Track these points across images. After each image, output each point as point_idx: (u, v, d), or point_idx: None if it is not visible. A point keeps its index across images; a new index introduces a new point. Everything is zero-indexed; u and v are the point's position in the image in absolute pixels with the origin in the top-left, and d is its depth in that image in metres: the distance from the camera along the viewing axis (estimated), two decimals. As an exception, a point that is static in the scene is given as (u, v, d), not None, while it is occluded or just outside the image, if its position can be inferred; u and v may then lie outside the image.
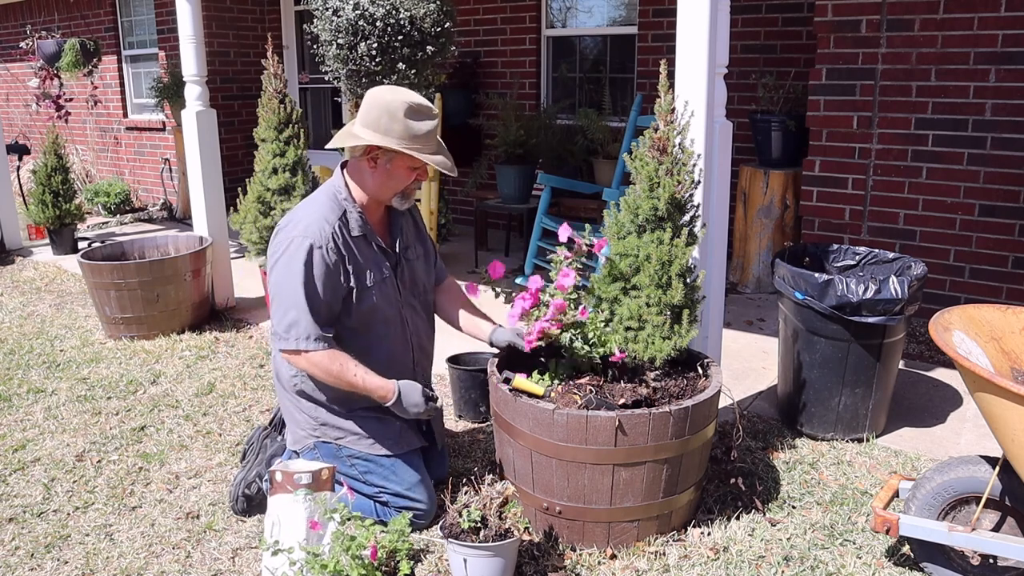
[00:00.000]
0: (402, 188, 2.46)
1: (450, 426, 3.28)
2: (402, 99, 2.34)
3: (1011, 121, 4.06)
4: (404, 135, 2.34)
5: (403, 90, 2.40)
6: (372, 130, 2.36)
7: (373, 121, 2.36)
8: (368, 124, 2.37)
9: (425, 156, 2.37)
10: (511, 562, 2.22)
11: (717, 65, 2.71)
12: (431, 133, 2.39)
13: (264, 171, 4.40)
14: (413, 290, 2.63)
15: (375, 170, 2.42)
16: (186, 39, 4.52)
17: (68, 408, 3.55)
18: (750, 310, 4.74)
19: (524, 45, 6.66)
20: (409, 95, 2.37)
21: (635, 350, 2.44)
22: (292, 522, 2.23)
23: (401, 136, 2.34)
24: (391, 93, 2.37)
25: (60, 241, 6.51)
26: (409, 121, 2.34)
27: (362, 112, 2.39)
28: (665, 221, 2.44)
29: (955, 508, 2.20)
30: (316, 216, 2.39)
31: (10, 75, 10.15)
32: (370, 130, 2.36)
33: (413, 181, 2.45)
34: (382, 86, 2.46)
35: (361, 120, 2.39)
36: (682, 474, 2.38)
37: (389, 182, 2.44)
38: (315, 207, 2.43)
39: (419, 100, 2.37)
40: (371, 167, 2.42)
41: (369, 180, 2.45)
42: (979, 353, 2.16)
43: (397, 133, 2.34)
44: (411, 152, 2.35)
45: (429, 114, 2.38)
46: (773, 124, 4.92)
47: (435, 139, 2.43)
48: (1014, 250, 4.17)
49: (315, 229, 2.35)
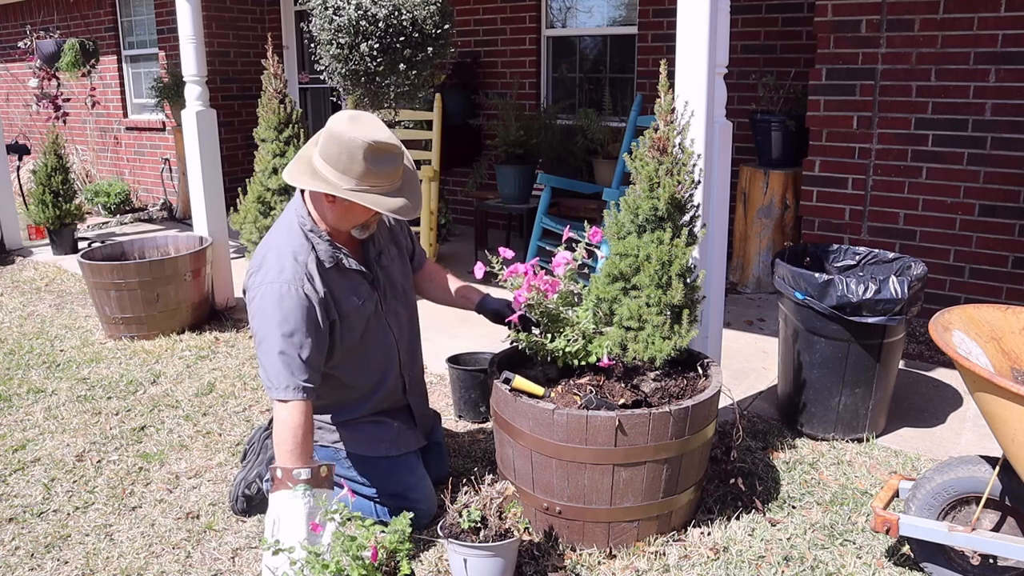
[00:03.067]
0: (361, 222, 2.38)
1: (450, 426, 3.28)
2: (363, 138, 2.19)
3: (1011, 121, 4.06)
4: (363, 176, 2.23)
5: (367, 122, 2.25)
6: (331, 166, 2.24)
7: (333, 157, 2.23)
8: (328, 159, 2.24)
9: (382, 201, 2.25)
10: (511, 562, 2.22)
11: (717, 65, 2.71)
12: (394, 172, 2.28)
13: (264, 171, 4.40)
14: (393, 294, 2.58)
15: (333, 205, 2.33)
16: (186, 39, 4.52)
17: (68, 408, 3.55)
18: (750, 310, 4.74)
19: (524, 45, 6.66)
20: (372, 131, 2.22)
21: (635, 350, 2.44)
22: (292, 519, 2.23)
23: (360, 177, 2.23)
24: (355, 130, 2.21)
25: (60, 241, 6.51)
26: (368, 164, 2.21)
27: (322, 143, 2.28)
28: (665, 221, 2.44)
29: (955, 508, 2.20)
30: (286, 256, 2.31)
31: (10, 75, 10.15)
32: (330, 166, 2.25)
33: (373, 216, 2.37)
34: (346, 114, 2.28)
35: (321, 151, 2.26)
36: (682, 474, 2.38)
37: (347, 217, 2.35)
38: (283, 245, 2.34)
39: (383, 137, 2.22)
40: (329, 202, 2.33)
41: (328, 214, 2.36)
42: (979, 353, 2.16)
43: (356, 173, 2.22)
44: (364, 201, 2.23)
45: (394, 152, 2.25)
46: (773, 124, 4.92)
47: (399, 176, 2.30)
48: (1014, 250, 4.17)
49: (289, 272, 2.27)
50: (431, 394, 3.61)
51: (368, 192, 2.25)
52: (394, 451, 2.54)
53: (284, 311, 2.24)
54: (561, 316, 2.54)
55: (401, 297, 2.63)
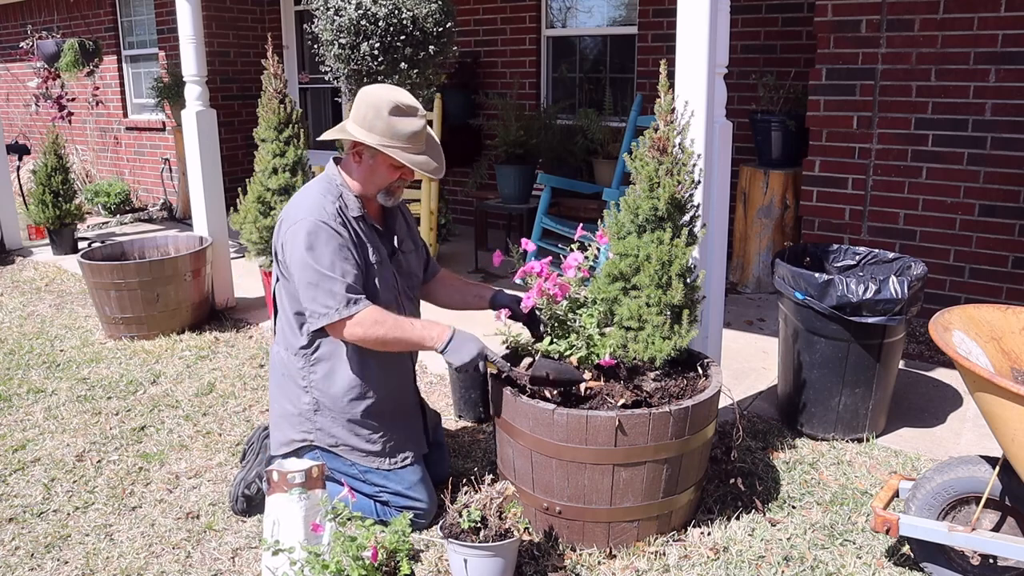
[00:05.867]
0: (386, 185, 2.48)
1: (450, 426, 3.28)
2: (389, 97, 2.36)
3: (1011, 121, 4.06)
4: (386, 132, 2.36)
5: (394, 89, 2.41)
6: (359, 125, 2.39)
7: (360, 117, 2.39)
8: (356, 120, 2.40)
9: (404, 155, 2.38)
10: (511, 562, 2.22)
11: (717, 65, 2.71)
12: (417, 133, 2.40)
13: (264, 171, 4.39)
14: (408, 281, 2.65)
15: (359, 165, 2.46)
16: (186, 39, 4.52)
17: (68, 408, 3.55)
18: (750, 310, 4.74)
19: (524, 45, 6.66)
20: (397, 94, 2.38)
21: (635, 350, 2.44)
22: (290, 521, 2.24)
23: (383, 133, 2.36)
24: (382, 91, 2.39)
25: (60, 241, 6.51)
26: (393, 119, 2.35)
27: (353, 107, 2.43)
28: (665, 221, 2.44)
29: (955, 508, 2.20)
30: (315, 199, 2.42)
31: (10, 75, 10.15)
32: (357, 125, 2.40)
33: (397, 179, 2.47)
34: (375, 84, 2.48)
35: (352, 115, 2.43)
36: (682, 474, 2.38)
37: (372, 177, 2.46)
38: (311, 193, 2.46)
39: (406, 100, 2.37)
40: (356, 162, 2.46)
41: (355, 174, 2.49)
42: (979, 353, 2.16)
43: (380, 130, 2.36)
44: (388, 151, 2.36)
45: (414, 113, 2.38)
46: (773, 124, 4.92)
47: (422, 139, 2.43)
48: (1014, 250, 4.17)
49: (317, 209, 2.38)
50: (431, 394, 3.62)
51: (391, 147, 2.37)
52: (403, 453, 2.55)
53: (320, 245, 2.34)
54: (567, 323, 2.54)
55: (413, 289, 2.68)
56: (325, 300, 2.33)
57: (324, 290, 2.33)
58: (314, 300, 2.35)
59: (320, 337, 2.47)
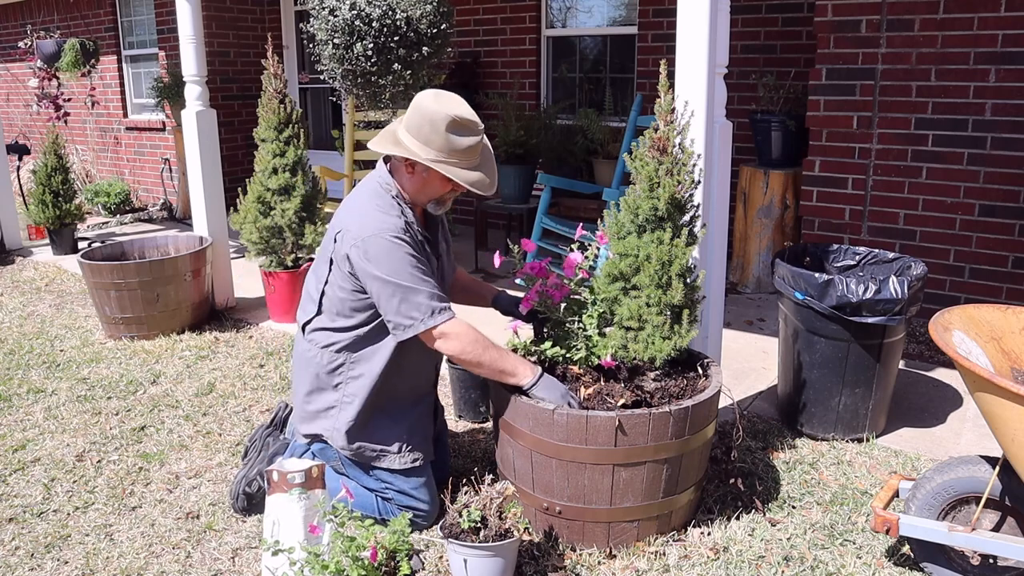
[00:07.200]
0: (438, 196, 2.46)
1: (450, 426, 3.28)
2: (446, 111, 2.29)
3: (1011, 121, 4.06)
4: (444, 148, 2.32)
5: (450, 99, 2.36)
6: (414, 137, 2.34)
7: (415, 128, 2.34)
8: (411, 130, 2.35)
9: (460, 173, 2.35)
10: (511, 562, 2.22)
11: (717, 65, 2.71)
12: (473, 148, 2.36)
13: (264, 171, 4.40)
14: (444, 285, 2.65)
15: (412, 176, 2.42)
16: (186, 39, 4.52)
17: (68, 408, 3.55)
18: (750, 310, 4.75)
19: (524, 45, 6.66)
20: (456, 107, 2.33)
21: (635, 350, 2.44)
22: (290, 521, 2.24)
23: (440, 149, 2.32)
24: (437, 102, 2.33)
25: (60, 241, 6.51)
26: (451, 135, 2.31)
27: (408, 116, 2.38)
28: (665, 221, 2.44)
29: (955, 508, 2.20)
30: (382, 212, 2.38)
31: (10, 75, 10.15)
32: (412, 136, 2.35)
33: (450, 190, 2.44)
34: (431, 91, 2.40)
35: (406, 124, 2.37)
36: (682, 474, 2.38)
37: (425, 189, 2.44)
38: (375, 205, 2.41)
39: (464, 113, 2.32)
40: (408, 172, 2.42)
41: (407, 183, 2.45)
42: (979, 353, 2.16)
43: (437, 145, 2.32)
44: (444, 171, 2.33)
45: (474, 129, 2.34)
46: (773, 124, 4.92)
47: (477, 153, 2.40)
48: (1014, 250, 4.17)
49: (389, 223, 2.35)
50: (431, 394, 3.62)
51: (446, 163, 2.33)
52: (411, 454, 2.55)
53: (396, 260, 2.31)
54: (567, 326, 2.55)
55: (447, 292, 2.67)
56: (409, 311, 2.32)
57: (410, 302, 2.32)
58: (398, 312, 2.33)
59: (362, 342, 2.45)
